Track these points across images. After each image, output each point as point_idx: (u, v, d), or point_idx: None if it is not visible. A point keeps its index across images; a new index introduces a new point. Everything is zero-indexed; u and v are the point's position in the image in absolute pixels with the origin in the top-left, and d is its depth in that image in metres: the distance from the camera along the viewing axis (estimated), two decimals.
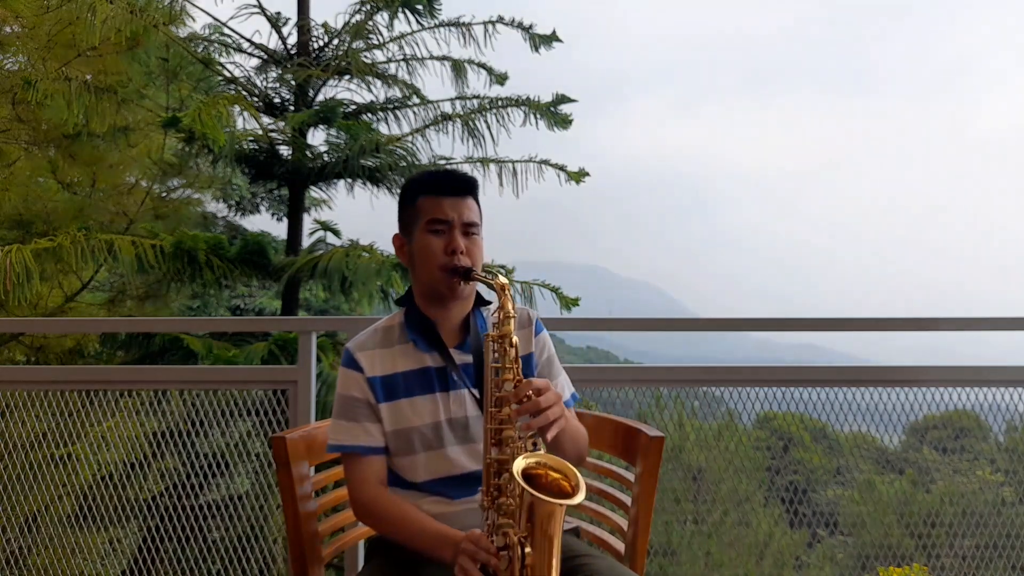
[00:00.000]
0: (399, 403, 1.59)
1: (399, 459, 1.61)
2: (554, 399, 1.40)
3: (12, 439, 2.60)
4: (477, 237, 1.60)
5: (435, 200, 1.58)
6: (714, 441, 2.61)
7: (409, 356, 1.61)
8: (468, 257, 1.56)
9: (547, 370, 1.69)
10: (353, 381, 1.61)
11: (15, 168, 6.23)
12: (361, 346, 1.63)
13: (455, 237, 1.56)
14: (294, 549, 1.68)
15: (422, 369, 1.60)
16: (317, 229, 6.20)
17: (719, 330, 2.74)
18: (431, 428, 1.58)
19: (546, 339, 1.72)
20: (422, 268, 1.59)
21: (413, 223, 1.61)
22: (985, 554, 2.53)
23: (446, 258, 1.55)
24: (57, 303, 6.15)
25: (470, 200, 1.61)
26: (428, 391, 1.59)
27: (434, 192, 1.59)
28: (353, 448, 1.58)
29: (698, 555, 2.64)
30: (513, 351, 1.44)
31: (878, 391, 2.50)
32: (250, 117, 5.69)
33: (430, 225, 1.57)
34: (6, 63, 6.39)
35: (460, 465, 1.58)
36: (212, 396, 2.59)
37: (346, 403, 1.60)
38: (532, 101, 6.01)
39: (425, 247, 1.57)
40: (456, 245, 1.55)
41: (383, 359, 1.61)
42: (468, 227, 1.58)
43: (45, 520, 2.65)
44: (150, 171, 6.98)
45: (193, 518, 2.61)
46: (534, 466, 1.34)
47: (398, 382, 1.60)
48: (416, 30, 6.04)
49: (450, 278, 1.55)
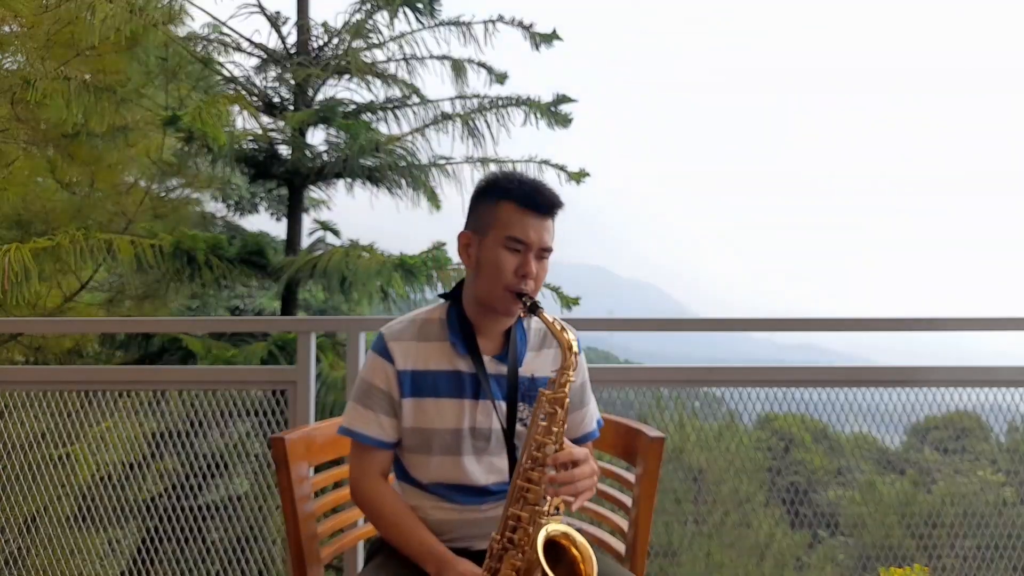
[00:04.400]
0: (424, 401, 1.55)
1: (413, 456, 1.58)
2: (589, 473, 1.39)
3: (11, 440, 2.59)
4: (547, 261, 1.54)
5: (521, 215, 1.50)
6: (715, 442, 2.60)
7: (444, 356, 1.57)
8: (536, 281, 1.51)
9: (579, 395, 1.65)
10: (380, 370, 1.56)
11: (14, 168, 6.22)
12: (397, 336, 1.57)
13: (529, 260, 1.49)
14: (293, 550, 1.68)
15: (455, 372, 1.56)
16: (316, 229, 6.20)
17: (719, 330, 2.74)
18: (452, 433, 1.55)
19: (583, 363, 1.66)
20: (486, 280, 1.52)
21: (488, 228, 1.52)
22: (986, 555, 2.53)
23: (515, 280, 1.49)
24: (56, 303, 6.14)
25: (551, 222, 1.53)
26: (457, 395, 1.55)
27: (523, 205, 1.50)
28: (362, 437, 1.56)
29: (699, 556, 2.64)
30: (563, 412, 1.42)
31: (879, 392, 2.49)
32: (249, 116, 5.70)
33: (509, 241, 1.49)
34: (5, 62, 6.38)
35: (472, 476, 1.56)
36: (211, 396, 2.58)
37: (367, 390, 1.57)
38: (532, 101, 6.01)
39: (496, 260, 1.50)
40: (529, 270, 1.49)
41: (417, 353, 1.56)
42: (543, 252, 1.52)
43: (44, 521, 2.65)
44: (149, 171, 6.97)
45: (192, 519, 2.61)
46: (559, 536, 1.35)
47: (428, 380, 1.56)
48: (416, 29, 6.03)
49: (513, 301, 1.50)
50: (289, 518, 1.67)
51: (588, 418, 1.70)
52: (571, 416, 1.62)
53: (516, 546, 1.39)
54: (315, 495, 1.78)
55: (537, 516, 1.38)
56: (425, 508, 1.58)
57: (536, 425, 1.43)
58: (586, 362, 1.69)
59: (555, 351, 1.61)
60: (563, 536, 1.35)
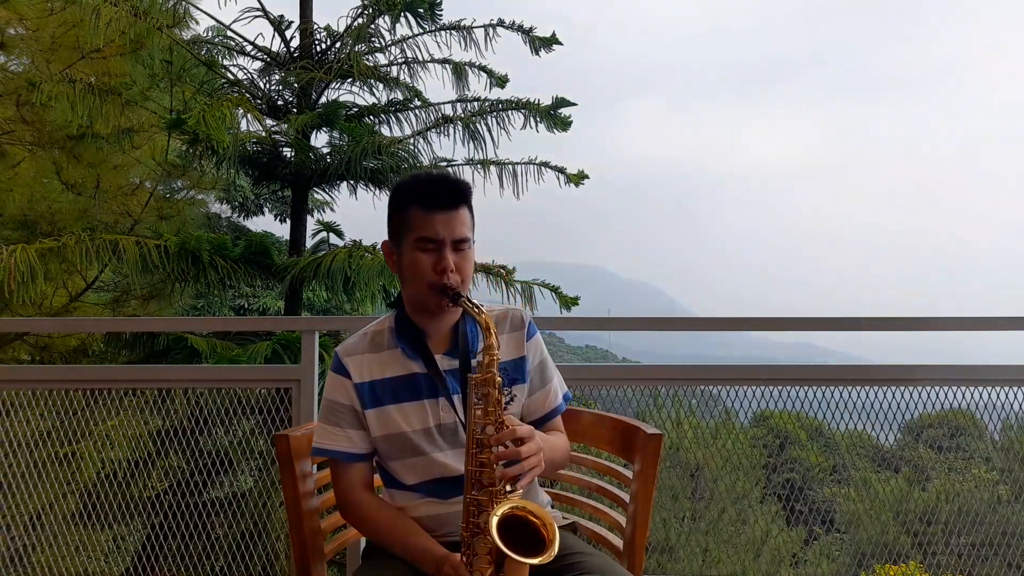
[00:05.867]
0: (386, 409, 1.59)
1: (392, 462, 1.62)
2: (535, 449, 1.40)
3: (17, 438, 2.62)
4: (468, 251, 1.55)
5: (425, 216, 1.51)
6: (711, 439, 2.62)
7: (397, 362, 1.60)
8: (459, 273, 1.52)
9: (539, 374, 1.68)
10: (340, 386, 1.60)
11: (20, 169, 6.27)
12: (350, 351, 1.62)
13: (445, 256, 1.51)
14: (297, 546, 1.70)
15: (409, 376, 1.59)
16: (320, 230, 6.22)
17: (717, 329, 2.76)
18: (422, 434, 1.58)
19: (539, 342, 1.69)
20: (411, 283, 1.55)
21: (402, 234, 1.55)
22: (981, 552, 2.55)
23: (435, 276, 1.51)
24: (61, 303, 6.18)
25: (462, 211, 1.54)
26: (416, 398, 1.59)
27: (424, 206, 1.51)
28: (334, 453, 1.60)
29: (696, 552, 2.66)
30: (495, 392, 1.43)
31: (874, 390, 2.51)
32: (253, 119, 5.72)
33: (419, 243, 1.52)
34: (11, 65, 6.43)
35: (451, 468, 1.58)
36: (216, 395, 2.61)
37: (331, 408, 1.61)
38: (532, 104, 6.04)
39: (413, 263, 1.52)
40: (446, 264, 1.50)
41: (371, 364, 1.60)
42: (459, 243, 1.53)
43: (49, 518, 2.67)
44: (154, 172, 7.01)
45: (197, 515, 2.64)
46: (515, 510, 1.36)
47: (386, 388, 1.59)
48: (418, 33, 6.06)
49: (439, 297, 1.51)
50: (293, 514, 1.70)
51: (553, 394, 1.71)
52: (535, 396, 1.67)
53: (483, 530, 1.40)
54: (318, 492, 1.81)
55: (495, 497, 1.39)
56: (415, 507, 1.61)
57: (472, 409, 1.44)
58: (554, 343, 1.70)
59: (508, 335, 1.63)
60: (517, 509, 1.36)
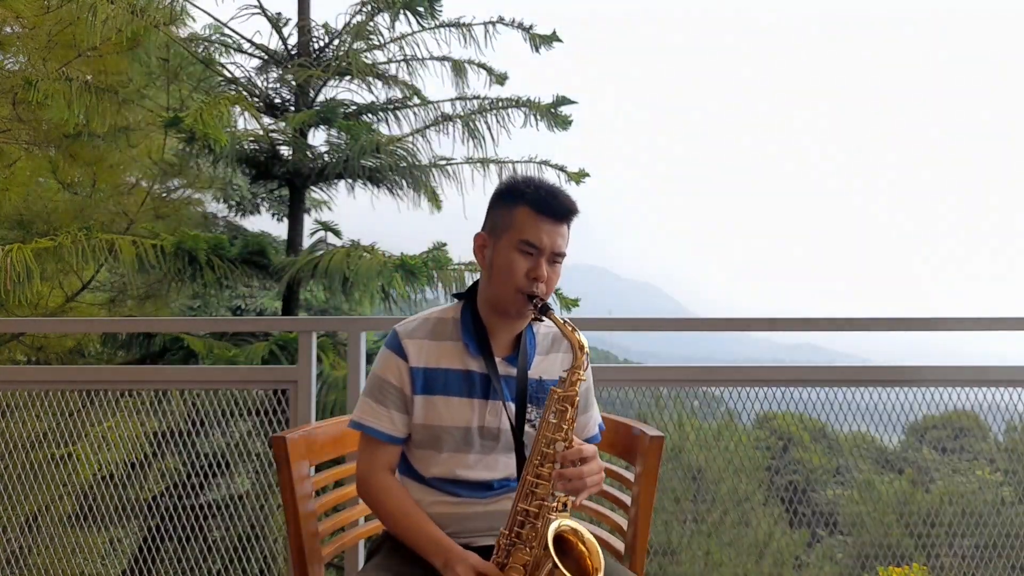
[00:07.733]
0: (435, 399, 1.58)
1: (421, 451, 1.61)
2: (597, 470, 1.42)
3: (13, 439, 2.60)
4: (560, 265, 1.57)
5: (535, 220, 1.52)
6: (714, 441, 2.61)
7: (456, 355, 1.59)
8: (547, 285, 1.53)
9: (584, 400, 1.67)
10: (393, 366, 1.58)
11: (16, 168, 6.23)
12: (411, 333, 1.60)
13: (541, 264, 1.52)
14: (294, 548, 1.69)
15: (466, 371, 1.59)
16: (318, 229, 6.20)
17: (719, 330, 2.75)
18: (461, 432, 1.57)
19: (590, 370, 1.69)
20: (499, 281, 1.55)
21: (503, 231, 1.55)
22: (984, 554, 2.54)
23: (526, 282, 1.51)
24: (58, 303, 6.15)
25: (566, 228, 1.56)
26: (467, 395, 1.58)
27: (537, 210, 1.52)
28: (374, 432, 1.58)
29: (698, 554, 2.65)
30: (572, 410, 1.44)
31: (877, 391, 2.50)
32: (251, 117, 5.70)
33: (522, 245, 1.52)
34: (7, 63, 6.40)
35: (476, 472, 1.58)
36: (213, 396, 2.59)
37: (380, 385, 1.59)
38: (532, 102, 6.01)
39: (508, 263, 1.52)
40: (540, 274, 1.51)
41: (429, 351, 1.59)
42: (556, 256, 1.55)
43: (46, 520, 2.66)
44: (151, 171, 6.98)
45: (194, 518, 2.62)
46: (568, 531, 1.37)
47: (439, 378, 1.58)
48: (417, 31, 6.03)
49: (524, 303, 1.52)
50: (290, 517, 1.68)
51: (591, 422, 1.72)
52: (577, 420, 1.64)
53: (524, 541, 1.41)
54: (316, 494, 1.79)
55: (545, 511, 1.41)
56: (426, 502, 1.60)
57: (547, 422, 1.45)
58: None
59: (562, 355, 1.66)
60: (571, 532, 1.37)
